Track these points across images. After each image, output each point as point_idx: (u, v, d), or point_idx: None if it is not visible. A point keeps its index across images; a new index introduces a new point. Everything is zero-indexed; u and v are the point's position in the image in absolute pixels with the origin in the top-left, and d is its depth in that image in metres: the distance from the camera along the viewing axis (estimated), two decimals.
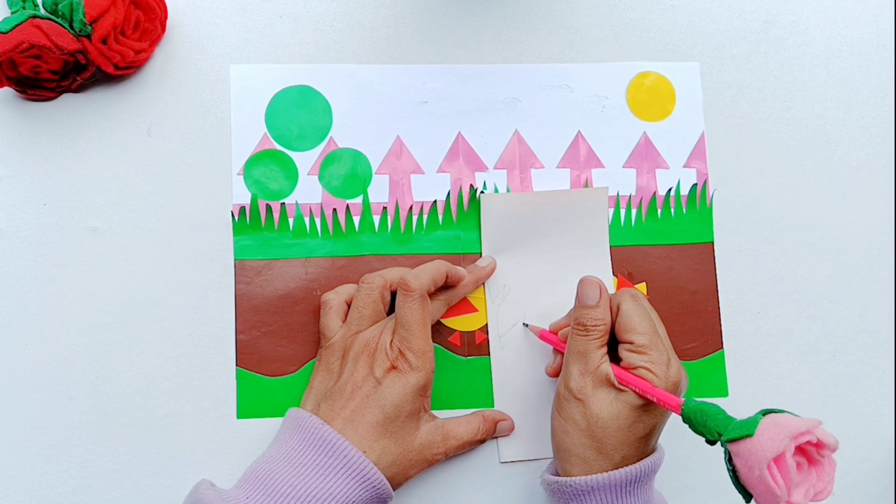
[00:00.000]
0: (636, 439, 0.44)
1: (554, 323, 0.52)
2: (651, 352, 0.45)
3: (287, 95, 0.55)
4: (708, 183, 0.57)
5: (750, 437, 0.37)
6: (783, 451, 0.36)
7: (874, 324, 0.57)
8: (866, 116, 0.59)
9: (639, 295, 0.47)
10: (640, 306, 0.46)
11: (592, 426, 0.44)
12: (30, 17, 0.50)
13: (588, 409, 0.44)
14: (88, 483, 0.51)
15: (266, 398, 0.52)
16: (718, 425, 0.40)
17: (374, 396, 0.47)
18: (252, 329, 0.53)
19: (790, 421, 0.37)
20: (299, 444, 0.46)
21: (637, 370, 0.44)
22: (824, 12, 0.60)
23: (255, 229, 0.54)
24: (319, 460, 0.45)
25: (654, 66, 0.58)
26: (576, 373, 0.45)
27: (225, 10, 0.56)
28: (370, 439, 0.46)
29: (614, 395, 0.44)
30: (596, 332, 0.46)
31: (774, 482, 0.36)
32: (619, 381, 0.44)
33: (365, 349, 0.48)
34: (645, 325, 0.46)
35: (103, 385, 0.51)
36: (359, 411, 0.47)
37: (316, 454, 0.45)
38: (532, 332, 0.53)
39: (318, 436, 0.46)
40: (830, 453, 0.38)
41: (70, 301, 0.52)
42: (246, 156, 0.54)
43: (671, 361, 0.45)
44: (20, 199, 0.53)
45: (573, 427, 0.45)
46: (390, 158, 0.55)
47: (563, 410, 0.46)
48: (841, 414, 0.55)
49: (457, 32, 0.57)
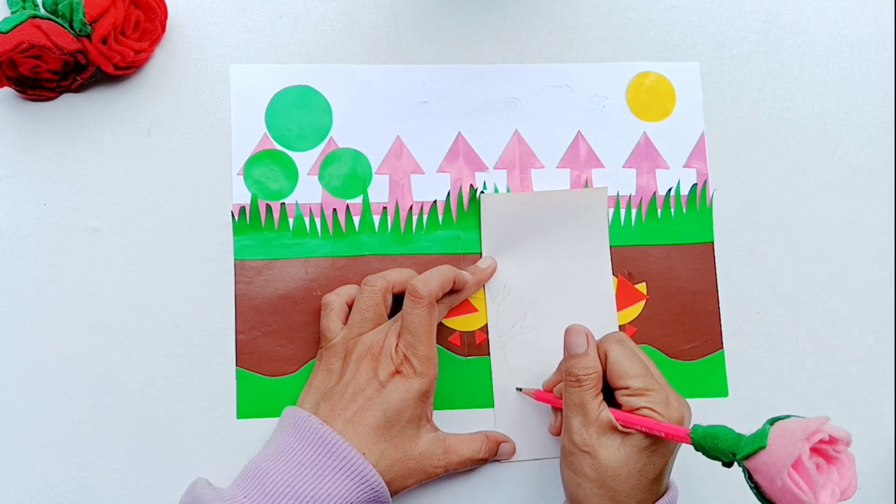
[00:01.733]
0: (648, 482, 0.44)
1: (547, 381, 0.52)
2: (649, 393, 0.44)
3: (287, 95, 0.55)
4: (708, 183, 0.57)
5: (763, 448, 0.36)
6: (799, 455, 0.35)
7: (874, 324, 0.57)
8: (866, 116, 0.59)
9: (623, 338, 0.47)
10: (628, 349, 0.46)
11: (603, 476, 0.43)
12: (30, 17, 0.50)
13: (596, 459, 0.44)
14: (88, 483, 0.51)
15: (266, 398, 0.52)
16: (731, 445, 0.39)
17: (376, 399, 0.47)
18: (252, 329, 0.53)
19: (799, 424, 0.36)
20: (298, 444, 0.46)
21: (640, 411, 0.44)
22: (824, 12, 0.60)
23: (255, 229, 0.54)
24: (318, 460, 0.45)
25: (654, 66, 0.58)
26: (577, 426, 0.45)
27: (225, 10, 0.56)
28: (370, 441, 0.46)
29: (620, 440, 0.44)
30: (589, 381, 0.45)
31: (799, 489, 0.35)
32: (623, 424, 0.44)
33: (368, 352, 0.48)
34: (637, 368, 0.45)
35: (103, 385, 0.52)
36: (360, 413, 0.47)
37: (315, 454, 0.45)
38: (527, 395, 0.52)
39: (318, 436, 0.46)
40: (846, 448, 0.37)
41: (70, 301, 0.52)
42: (246, 156, 0.54)
43: (670, 398, 0.44)
44: (20, 199, 0.53)
45: (584, 480, 0.44)
46: (390, 158, 0.55)
47: (572, 464, 0.45)
48: (841, 414, 0.55)
49: (457, 32, 0.57)
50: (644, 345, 0.55)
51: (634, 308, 0.55)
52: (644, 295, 0.55)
